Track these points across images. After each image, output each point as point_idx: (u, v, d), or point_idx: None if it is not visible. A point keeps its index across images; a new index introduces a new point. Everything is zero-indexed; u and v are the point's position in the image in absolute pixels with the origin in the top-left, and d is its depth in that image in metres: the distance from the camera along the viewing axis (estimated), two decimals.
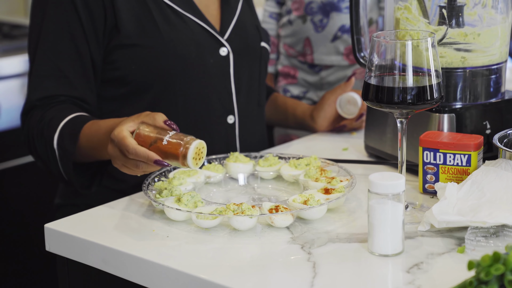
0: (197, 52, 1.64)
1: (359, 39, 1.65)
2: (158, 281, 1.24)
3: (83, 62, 1.60)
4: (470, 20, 1.50)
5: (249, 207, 1.33)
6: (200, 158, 1.34)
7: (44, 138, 1.56)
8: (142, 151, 1.33)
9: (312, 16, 2.20)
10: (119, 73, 1.61)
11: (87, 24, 1.58)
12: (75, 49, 1.59)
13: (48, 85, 1.59)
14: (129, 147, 1.33)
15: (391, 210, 1.21)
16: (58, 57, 1.59)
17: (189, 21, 1.65)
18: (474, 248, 1.24)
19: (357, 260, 1.23)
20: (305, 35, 2.22)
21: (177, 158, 1.32)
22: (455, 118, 1.52)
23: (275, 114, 1.94)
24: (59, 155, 1.54)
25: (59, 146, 1.53)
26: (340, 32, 2.18)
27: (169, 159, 1.33)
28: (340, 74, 2.21)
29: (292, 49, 2.25)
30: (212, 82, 1.67)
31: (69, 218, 1.42)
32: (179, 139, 1.33)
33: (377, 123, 1.66)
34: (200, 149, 1.33)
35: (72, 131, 1.53)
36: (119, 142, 1.35)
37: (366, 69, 1.33)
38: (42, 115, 1.58)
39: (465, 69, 1.52)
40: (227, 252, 1.27)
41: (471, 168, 1.42)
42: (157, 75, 1.61)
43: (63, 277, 1.41)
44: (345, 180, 1.47)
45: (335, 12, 2.17)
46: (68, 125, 1.54)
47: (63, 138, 1.53)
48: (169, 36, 1.61)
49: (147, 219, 1.40)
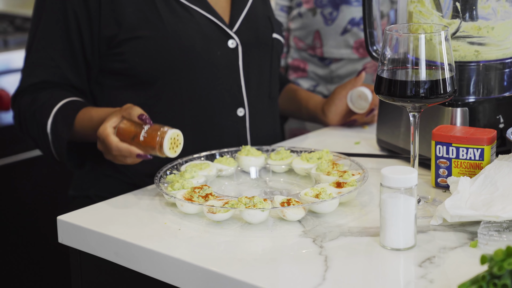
0: (202, 44, 1.64)
1: (372, 32, 1.65)
2: (170, 273, 1.25)
3: (75, 53, 1.64)
4: (484, 13, 1.49)
5: (261, 200, 1.33)
6: (177, 145, 1.43)
7: (36, 121, 1.62)
8: (125, 148, 1.44)
9: (322, 9, 2.19)
10: (124, 65, 1.63)
11: (81, 16, 1.61)
12: (68, 40, 1.63)
13: (40, 72, 1.65)
14: (112, 145, 1.44)
15: (403, 204, 1.21)
16: (51, 47, 1.64)
17: (196, 13, 1.65)
18: (487, 242, 1.24)
19: (369, 254, 1.23)
20: (315, 28, 2.21)
21: (155, 150, 1.42)
22: (468, 112, 1.51)
23: (288, 105, 1.94)
24: (52, 139, 1.61)
25: (53, 131, 1.60)
26: (350, 25, 2.17)
27: (149, 151, 1.44)
28: (350, 68, 2.20)
29: (302, 42, 2.25)
30: (220, 74, 1.67)
31: (81, 210, 1.43)
32: (154, 133, 1.42)
33: (390, 117, 1.65)
34: (175, 138, 1.43)
35: (66, 118, 1.59)
36: (103, 140, 1.46)
37: (378, 62, 1.33)
38: (33, 98, 1.63)
39: (479, 63, 1.51)
40: (239, 245, 1.27)
41: (484, 162, 1.42)
42: (161, 67, 1.62)
43: (76, 269, 1.42)
44: (357, 174, 1.46)
45: (344, 5, 2.16)
46: (61, 111, 1.60)
47: (57, 124, 1.60)
48: (173, 28, 1.62)
49: (159, 212, 1.40)
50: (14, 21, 2.62)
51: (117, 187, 1.68)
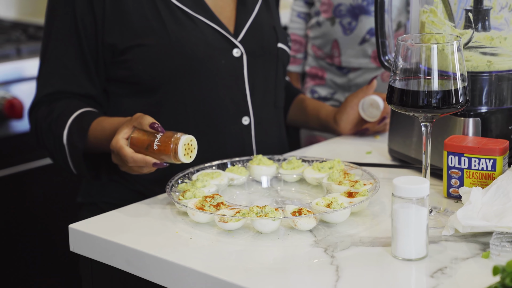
0: (206, 53, 1.65)
1: (384, 42, 1.65)
2: (181, 282, 1.25)
3: (87, 60, 1.65)
4: (496, 23, 1.49)
5: (272, 209, 1.33)
6: (192, 150, 1.43)
7: (52, 133, 1.62)
8: (140, 158, 1.43)
9: (340, 19, 2.19)
10: (128, 73, 1.64)
11: (89, 24, 1.63)
12: (80, 48, 1.64)
13: (55, 82, 1.66)
14: (127, 157, 1.44)
15: (415, 214, 1.21)
16: (65, 56, 1.65)
17: (200, 23, 1.66)
18: (499, 253, 1.23)
19: (380, 264, 1.23)
20: (333, 38, 2.22)
21: (170, 157, 1.42)
22: (480, 122, 1.51)
23: (300, 115, 1.94)
24: (69, 150, 1.61)
25: (69, 142, 1.60)
26: (369, 35, 2.18)
27: (164, 159, 1.43)
28: (368, 77, 2.20)
29: (320, 51, 2.25)
30: (225, 83, 1.68)
31: (93, 218, 1.43)
32: (168, 140, 1.42)
33: (401, 126, 1.65)
34: (189, 144, 1.42)
35: (80, 129, 1.60)
36: (118, 153, 1.46)
37: (391, 72, 1.33)
38: (49, 110, 1.64)
39: (491, 73, 1.51)
40: (250, 255, 1.27)
41: (496, 172, 1.41)
42: (165, 75, 1.63)
43: (87, 278, 1.42)
44: (368, 183, 1.46)
45: (364, 15, 2.16)
46: (76, 121, 1.61)
47: (72, 135, 1.60)
48: (177, 36, 1.63)
49: (171, 220, 1.40)
50: (27, 30, 2.64)
51: (124, 194, 1.69)
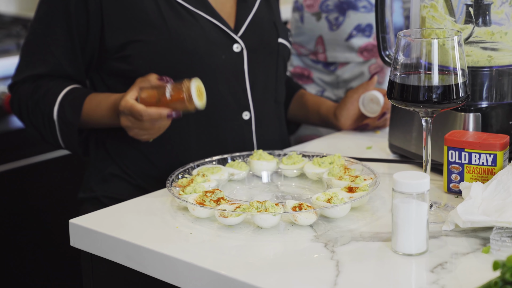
0: (206, 48, 1.65)
1: (384, 37, 1.65)
2: (181, 277, 1.25)
3: (75, 51, 1.65)
4: (497, 18, 1.49)
5: (273, 204, 1.33)
6: (202, 94, 1.50)
7: (40, 110, 1.64)
8: (154, 111, 1.47)
9: (327, 14, 2.15)
10: (129, 67, 1.64)
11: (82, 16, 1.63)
12: (70, 38, 1.64)
13: (39, 65, 1.66)
14: (141, 111, 1.47)
15: (415, 209, 1.21)
16: (53, 44, 1.65)
17: (200, 18, 1.66)
18: (499, 248, 1.23)
19: (380, 259, 1.23)
20: (318, 34, 2.16)
21: (184, 103, 1.47)
22: (480, 117, 1.51)
23: (300, 110, 1.94)
24: (59, 126, 1.63)
25: (60, 118, 1.62)
26: (356, 31, 2.13)
27: (177, 107, 1.48)
28: (356, 71, 2.17)
29: (303, 48, 2.20)
30: (225, 78, 1.68)
31: (93, 214, 1.43)
32: (179, 86, 1.48)
33: (402, 121, 1.65)
34: (199, 87, 1.49)
35: (73, 103, 1.61)
36: (130, 110, 1.48)
37: (391, 67, 1.33)
38: (35, 86, 1.65)
39: (492, 68, 1.51)
40: (250, 250, 1.27)
41: (496, 168, 1.41)
42: (165, 70, 1.63)
43: (87, 272, 1.42)
44: (369, 178, 1.46)
45: (352, 11, 2.12)
46: (67, 97, 1.62)
47: (64, 110, 1.62)
48: (177, 31, 1.63)
49: (171, 216, 1.40)
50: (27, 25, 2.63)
51: (125, 188, 1.69)
